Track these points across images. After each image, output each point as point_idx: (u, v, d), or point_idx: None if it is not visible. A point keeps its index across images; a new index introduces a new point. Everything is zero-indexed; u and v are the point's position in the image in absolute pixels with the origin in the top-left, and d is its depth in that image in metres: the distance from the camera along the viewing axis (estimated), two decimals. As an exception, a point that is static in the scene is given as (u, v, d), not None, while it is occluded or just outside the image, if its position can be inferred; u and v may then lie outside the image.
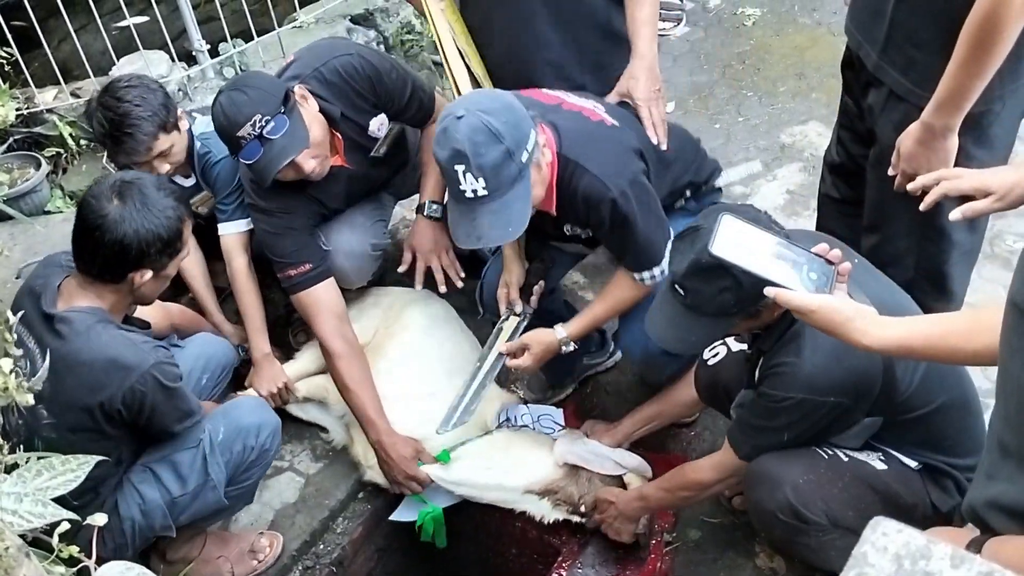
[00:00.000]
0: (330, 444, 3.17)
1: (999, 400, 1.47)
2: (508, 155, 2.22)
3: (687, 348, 2.24)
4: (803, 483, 2.16)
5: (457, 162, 2.21)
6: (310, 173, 2.74)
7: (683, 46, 4.77)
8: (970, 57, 2.00)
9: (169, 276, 2.43)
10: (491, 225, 2.29)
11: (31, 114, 3.92)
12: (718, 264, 1.90)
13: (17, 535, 1.40)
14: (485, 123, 2.19)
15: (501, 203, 2.26)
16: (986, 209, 1.89)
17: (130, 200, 2.27)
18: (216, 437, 2.51)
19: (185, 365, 2.76)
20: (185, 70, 3.98)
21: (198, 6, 4.13)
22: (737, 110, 4.32)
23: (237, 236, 3.13)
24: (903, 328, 1.75)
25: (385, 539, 3.18)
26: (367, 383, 2.89)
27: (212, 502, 2.52)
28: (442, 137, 2.23)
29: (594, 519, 2.77)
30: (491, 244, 2.48)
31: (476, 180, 2.22)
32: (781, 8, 4.90)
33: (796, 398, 2.10)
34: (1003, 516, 1.48)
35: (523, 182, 2.28)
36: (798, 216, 3.71)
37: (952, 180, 1.93)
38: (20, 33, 3.79)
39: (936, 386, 2.13)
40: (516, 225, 2.32)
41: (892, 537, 0.94)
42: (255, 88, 2.64)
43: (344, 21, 4.40)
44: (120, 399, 2.25)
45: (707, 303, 2.01)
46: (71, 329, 2.25)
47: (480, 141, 2.19)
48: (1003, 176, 1.87)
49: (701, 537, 2.79)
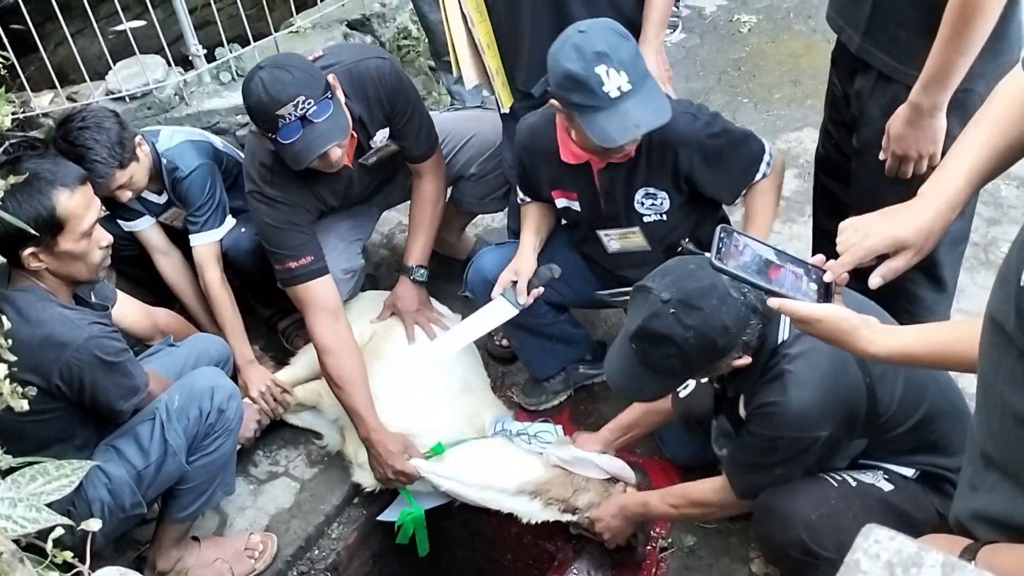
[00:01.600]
0: (324, 449, 3.17)
1: (980, 412, 1.46)
2: (636, 52, 2.34)
3: (641, 398, 2.32)
4: (815, 519, 2.11)
5: (599, 63, 2.26)
6: (335, 163, 2.74)
7: (679, 52, 4.78)
8: (954, 33, 2.00)
9: (73, 252, 2.35)
10: (643, 113, 2.33)
11: (27, 118, 3.91)
12: (662, 335, 1.97)
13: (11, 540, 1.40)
14: (611, 26, 2.32)
15: (645, 94, 2.33)
16: (906, 266, 1.78)
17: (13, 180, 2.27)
18: (172, 405, 2.54)
19: (177, 363, 2.78)
20: (181, 74, 3.98)
21: (195, 10, 4.13)
22: (733, 116, 4.32)
23: (209, 247, 3.16)
24: (908, 336, 1.72)
25: (380, 544, 3.18)
26: (358, 380, 2.89)
27: (174, 469, 2.55)
28: (572, 51, 2.28)
29: (588, 516, 2.76)
30: (649, 128, 2.39)
31: (619, 74, 2.27)
32: (776, 15, 4.92)
33: (788, 436, 2.09)
34: (989, 527, 1.47)
35: (652, 79, 2.38)
36: (793, 223, 3.72)
37: (862, 243, 1.78)
38: (16, 37, 3.79)
39: (916, 398, 2.13)
40: (663, 112, 2.36)
41: (884, 544, 0.95)
42: (299, 69, 2.63)
43: (341, 26, 4.40)
44: (57, 374, 2.28)
45: (656, 363, 2.06)
46: (12, 309, 2.27)
47: (614, 41, 2.29)
48: (917, 226, 1.74)
49: (696, 543, 2.79)
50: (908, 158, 2.25)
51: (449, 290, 3.39)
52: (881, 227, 1.77)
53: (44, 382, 2.28)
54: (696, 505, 2.48)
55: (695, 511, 2.51)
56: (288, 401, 3.16)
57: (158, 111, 3.83)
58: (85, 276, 2.44)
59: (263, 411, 3.11)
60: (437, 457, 2.87)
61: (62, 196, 2.30)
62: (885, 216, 1.80)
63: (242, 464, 3.08)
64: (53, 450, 2.39)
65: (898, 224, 1.75)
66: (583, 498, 2.76)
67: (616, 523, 2.69)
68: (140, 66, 3.87)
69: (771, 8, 4.97)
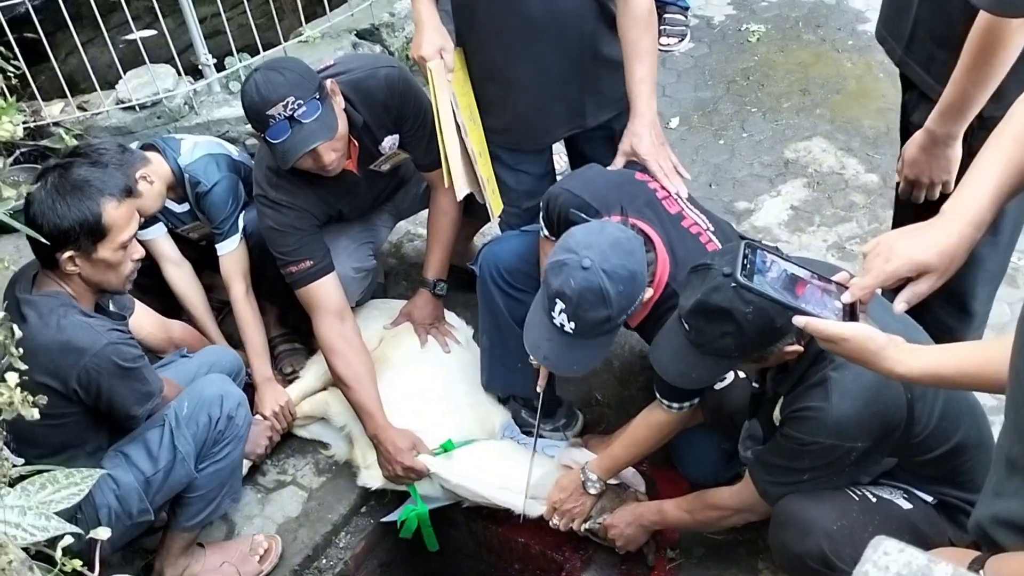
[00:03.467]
0: (332, 459, 3.17)
1: (1009, 416, 1.45)
2: (608, 320, 2.23)
3: (688, 383, 2.21)
4: (836, 530, 2.09)
5: (560, 300, 2.22)
6: (327, 165, 2.75)
7: (687, 62, 4.78)
8: (973, 64, 1.96)
9: (109, 261, 2.42)
10: (559, 356, 2.32)
11: (38, 127, 3.94)
12: (722, 308, 1.90)
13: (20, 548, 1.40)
14: (601, 286, 2.17)
15: (580, 345, 2.28)
16: (930, 290, 1.73)
17: (53, 185, 2.35)
18: (181, 412, 2.57)
19: (189, 374, 2.80)
20: (191, 84, 4.00)
21: (204, 20, 4.15)
22: (741, 126, 4.32)
23: (236, 260, 3.18)
24: (936, 356, 1.70)
25: (388, 554, 3.18)
26: (366, 378, 2.92)
27: (183, 476, 2.57)
28: (558, 270, 2.21)
29: (600, 523, 2.75)
30: (554, 371, 2.57)
31: (568, 321, 2.23)
32: (785, 25, 4.91)
33: (824, 443, 2.05)
34: (1010, 532, 1.46)
35: (611, 335, 2.32)
36: (802, 232, 3.71)
37: (884, 266, 1.74)
38: (28, 46, 3.82)
39: (951, 425, 2.09)
40: (583, 366, 2.39)
41: (894, 556, 0.95)
42: (291, 71, 2.69)
43: (350, 36, 4.41)
44: (75, 379, 2.33)
45: (709, 343, 2.01)
46: (34, 312, 2.33)
47: (589, 300, 2.19)
48: (940, 249, 1.69)
49: (705, 553, 2.78)
50: (920, 183, 2.22)
51: (456, 298, 3.39)
52: (904, 250, 1.72)
53: (62, 386, 2.32)
54: (712, 508, 2.46)
55: (711, 514, 2.49)
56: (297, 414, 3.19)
57: (168, 120, 3.86)
58: (114, 286, 2.51)
59: (275, 429, 3.12)
60: (446, 455, 2.88)
61: (109, 205, 2.39)
62: (908, 237, 1.75)
63: (250, 473, 3.08)
64: (65, 455, 2.42)
65: (921, 247, 1.70)
66: (595, 506, 2.76)
67: (631, 531, 2.69)
68: (150, 75, 3.90)
69: (780, 18, 4.96)
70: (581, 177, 2.61)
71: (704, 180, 4.05)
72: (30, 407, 1.48)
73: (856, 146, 4.06)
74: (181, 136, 3.32)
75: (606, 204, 2.44)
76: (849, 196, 3.82)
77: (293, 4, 4.37)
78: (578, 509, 2.73)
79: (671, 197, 2.52)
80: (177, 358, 2.94)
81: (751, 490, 2.29)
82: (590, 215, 2.41)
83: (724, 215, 3.73)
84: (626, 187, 2.50)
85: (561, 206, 2.51)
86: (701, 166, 4.13)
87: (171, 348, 3.03)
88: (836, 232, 3.70)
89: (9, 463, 1.50)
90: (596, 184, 2.53)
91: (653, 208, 2.45)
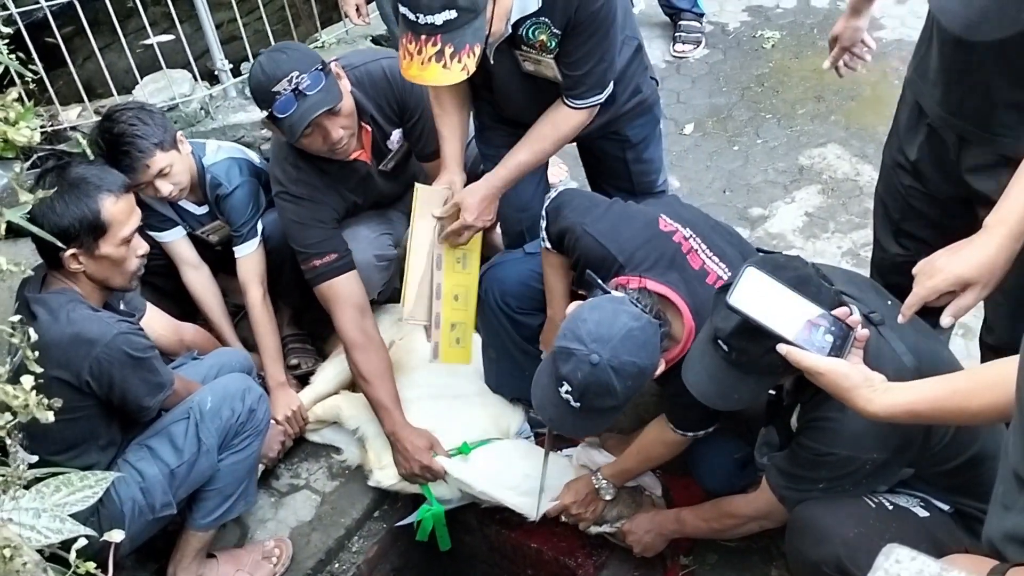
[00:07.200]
0: (345, 463, 3.17)
1: (1015, 432, 1.45)
2: (614, 408, 2.21)
3: (729, 405, 2.12)
4: (853, 537, 2.07)
5: (566, 384, 2.16)
6: (336, 143, 2.77)
7: (702, 68, 4.77)
8: None
9: (112, 257, 2.45)
10: (564, 420, 2.28)
11: (55, 131, 3.96)
12: (767, 326, 1.88)
13: (35, 551, 1.41)
14: (608, 382, 2.11)
15: (585, 417, 2.23)
16: (974, 302, 1.74)
17: (51, 185, 2.35)
18: (204, 406, 2.61)
19: (199, 374, 2.83)
20: (208, 89, 4.02)
21: (221, 26, 4.17)
22: (756, 132, 4.32)
23: (254, 264, 3.20)
24: (909, 394, 1.72)
25: (400, 558, 3.18)
26: (385, 375, 2.93)
27: (206, 468, 2.61)
28: (567, 358, 2.14)
29: (617, 527, 2.76)
30: (556, 431, 2.62)
31: (574, 400, 2.17)
32: (800, 31, 4.90)
33: (840, 454, 2.05)
34: (1021, 549, 1.46)
35: (615, 413, 2.26)
36: (816, 239, 3.70)
37: (926, 283, 1.76)
38: (46, 51, 3.84)
39: (970, 437, 2.08)
40: (588, 432, 2.49)
41: (905, 564, 0.94)
42: (293, 50, 2.79)
43: (366, 41, 4.43)
44: (87, 370, 2.35)
45: (753, 362, 1.97)
46: (44, 309, 2.36)
47: (595, 391, 2.14)
48: (979, 261, 1.70)
49: (718, 560, 2.77)
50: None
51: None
52: (944, 265, 1.75)
53: (74, 378, 2.34)
54: (729, 516, 2.47)
55: (728, 522, 2.49)
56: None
57: (184, 125, 3.87)
58: (120, 283, 2.52)
59: (287, 433, 3.13)
60: (462, 456, 2.89)
61: (107, 201, 2.41)
62: (950, 252, 1.77)
63: (263, 477, 3.09)
64: (78, 450, 2.45)
65: (961, 261, 1.72)
66: (612, 510, 2.78)
67: (649, 539, 2.71)
68: (167, 80, 3.92)
69: (795, 24, 4.96)
70: (606, 220, 2.48)
71: (718, 186, 4.05)
72: (45, 410, 1.49)
73: (871, 153, 4.04)
74: (204, 140, 3.34)
75: (632, 261, 2.36)
76: (864, 203, 3.79)
77: (309, 10, 4.39)
78: (589, 513, 2.75)
79: (694, 251, 2.40)
80: (188, 360, 2.96)
81: (767, 497, 2.28)
82: (610, 269, 2.37)
83: (738, 221, 3.74)
84: (653, 243, 2.39)
85: (581, 252, 2.45)
86: (715, 172, 4.13)
87: (182, 350, 3.04)
88: (851, 239, 3.69)
89: (24, 465, 1.50)
90: (621, 234, 2.42)
91: (679, 268, 2.35)
